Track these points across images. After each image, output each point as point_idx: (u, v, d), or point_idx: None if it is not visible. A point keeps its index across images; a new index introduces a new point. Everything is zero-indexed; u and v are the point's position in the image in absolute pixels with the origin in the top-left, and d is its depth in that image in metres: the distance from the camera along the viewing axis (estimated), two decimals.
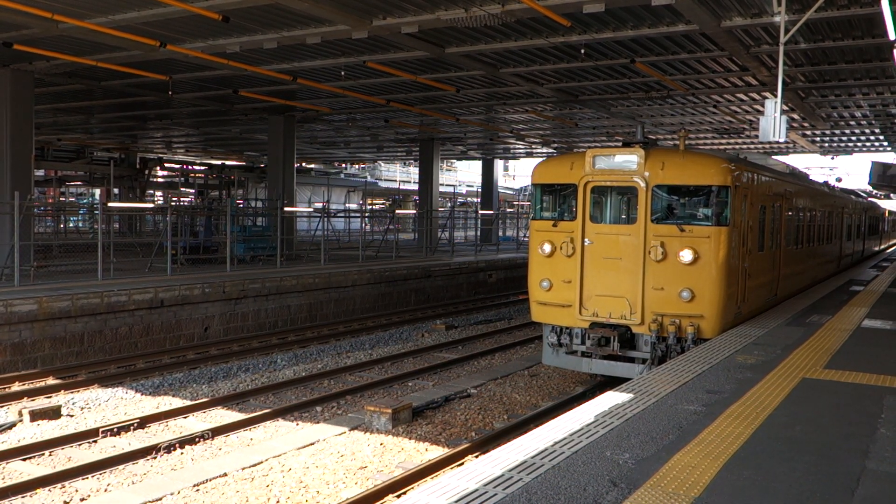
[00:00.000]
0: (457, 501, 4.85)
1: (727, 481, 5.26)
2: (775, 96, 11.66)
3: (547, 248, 12.47)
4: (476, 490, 5.06)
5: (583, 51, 16.63)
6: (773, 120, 11.52)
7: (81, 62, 18.42)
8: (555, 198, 12.88)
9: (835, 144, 35.26)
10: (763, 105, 12.25)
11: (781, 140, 11.79)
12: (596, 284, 12.10)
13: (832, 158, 56.33)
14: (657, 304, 11.57)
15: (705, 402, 7.36)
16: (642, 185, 11.65)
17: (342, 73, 19.70)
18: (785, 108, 21.98)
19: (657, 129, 30.10)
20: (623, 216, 12.38)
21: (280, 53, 17.99)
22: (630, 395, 7.58)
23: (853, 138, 32.57)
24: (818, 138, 32.59)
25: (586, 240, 12.19)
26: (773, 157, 20.00)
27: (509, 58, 18.30)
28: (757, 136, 30.63)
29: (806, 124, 27.99)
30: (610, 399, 7.48)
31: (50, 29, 15.36)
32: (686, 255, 11.29)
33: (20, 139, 20.45)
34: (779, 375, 8.58)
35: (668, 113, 26.45)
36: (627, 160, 11.82)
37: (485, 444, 10.29)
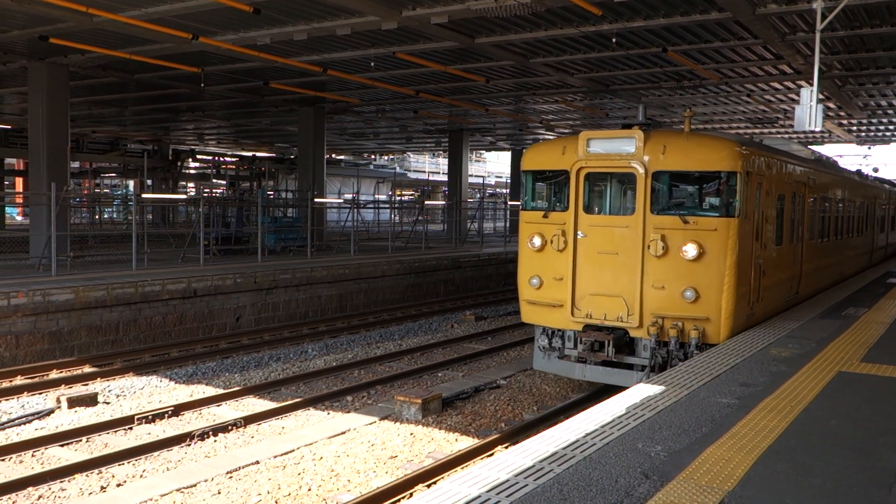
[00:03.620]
0: (488, 491, 4.86)
1: (761, 475, 5.21)
2: (811, 85, 11.42)
3: (537, 241, 11.42)
4: (507, 480, 5.07)
5: (614, 39, 16.46)
6: (808, 109, 11.22)
7: (115, 55, 18.64)
8: (546, 186, 11.84)
9: (872, 134, 34.58)
10: (798, 94, 12.00)
11: (817, 129, 11.58)
12: (590, 282, 11.05)
13: (869, 148, 55.23)
14: (657, 304, 10.53)
15: (739, 394, 7.28)
16: (641, 170, 10.55)
17: (372, 63, 19.72)
18: (821, 96, 21.57)
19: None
20: (620, 206, 11.31)
21: (310, 45, 18.05)
22: (662, 388, 7.53)
23: (891, 127, 31.91)
24: (854, 127, 31.98)
25: (579, 232, 11.12)
26: (809, 146, 19.62)
27: (539, 47, 18.18)
28: (791, 126, 30.14)
29: (842, 113, 27.48)
30: (641, 391, 7.44)
31: (84, 22, 15.55)
32: (690, 250, 10.21)
33: (56, 132, 20.79)
34: (814, 368, 8.46)
35: (700, 102, 26.11)
36: (624, 143, 10.73)
37: (514, 435, 10.28)
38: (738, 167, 10.27)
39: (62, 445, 9.99)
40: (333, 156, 55.17)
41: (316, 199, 27.03)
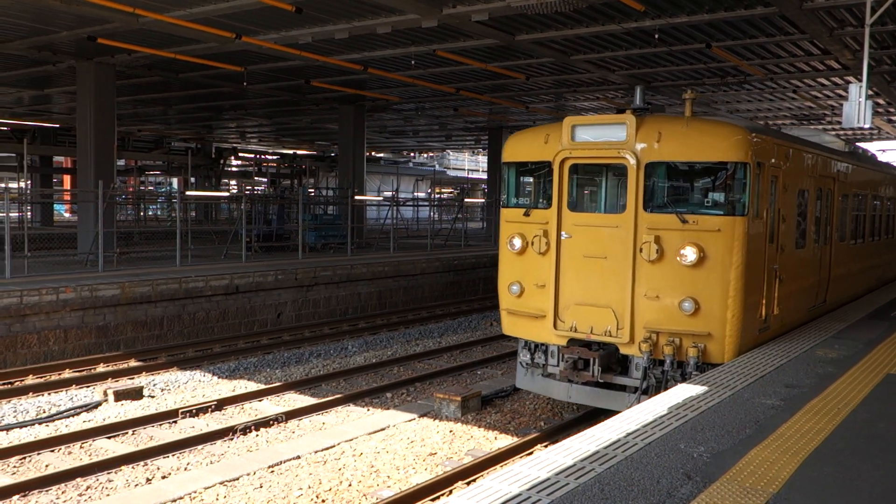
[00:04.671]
0: (529, 489, 4.86)
1: (807, 478, 5.12)
2: (860, 80, 11.14)
3: (517, 243, 10.10)
4: (548, 479, 5.05)
5: (657, 36, 16.27)
6: (857, 105, 10.87)
7: (160, 55, 18.97)
8: (529, 180, 10.60)
9: None
10: (846, 90, 11.70)
11: (866, 126, 11.24)
12: (575, 290, 9.71)
13: None
14: (650, 317, 9.16)
15: (783, 396, 7.16)
16: (632, 161, 9.22)
17: (412, 62, 19.78)
18: (870, 92, 21.07)
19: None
20: (609, 203, 10.07)
21: (351, 43, 18.16)
22: (704, 388, 7.44)
23: None
24: None
25: (563, 233, 9.81)
26: (858, 143, 19.14)
27: (580, 44, 18.05)
28: (839, 123, 29.48)
29: (892, 109, 26.79)
30: (683, 391, 7.35)
31: (131, 23, 15.84)
32: (689, 254, 8.82)
33: (103, 130, 21.24)
34: (861, 370, 8.28)
35: (744, 99, 25.68)
36: (613, 130, 9.44)
37: (554, 434, 10.24)
38: (746, 157, 8.90)
39: (109, 437, 10.22)
40: (373, 153, 55.47)
41: (356, 197, 27.20)
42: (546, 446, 9.54)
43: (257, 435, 10.44)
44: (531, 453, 9.49)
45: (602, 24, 15.79)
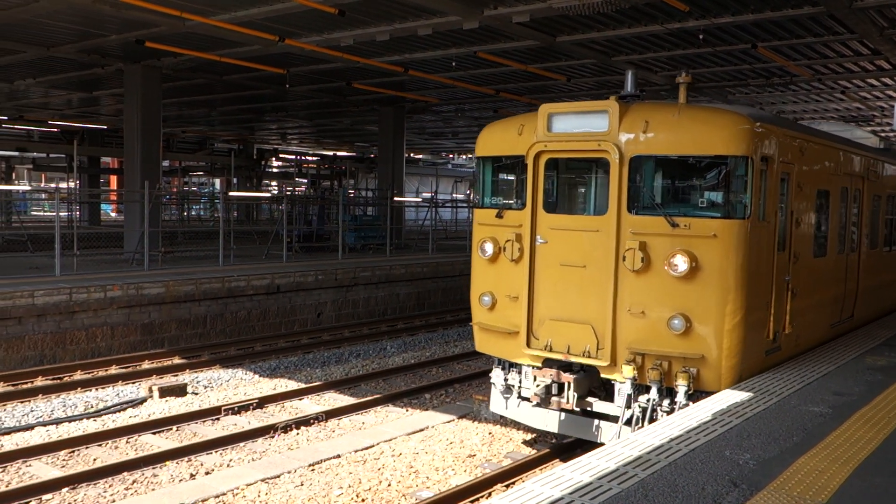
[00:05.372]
0: (571, 493, 4.83)
1: (857, 488, 5.01)
2: None
3: (488, 248, 8.99)
4: (590, 483, 5.02)
5: (701, 36, 16.07)
6: None
7: (205, 57, 19.27)
8: (503, 176, 9.50)
9: None
10: None
11: None
12: (550, 303, 8.56)
13: None
14: (635, 336, 7.98)
15: (832, 403, 7.01)
16: (615, 155, 8.06)
17: (453, 63, 19.80)
18: None
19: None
20: (590, 203, 8.98)
21: (392, 45, 18.24)
22: (749, 394, 7.32)
23: None
24: None
25: (538, 237, 8.66)
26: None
27: (622, 45, 17.89)
28: (889, 124, 28.81)
29: None
30: (728, 397, 7.25)
31: (177, 26, 16.13)
32: (679, 263, 7.64)
33: (149, 132, 21.66)
34: None
35: (790, 100, 25.22)
36: (594, 119, 8.29)
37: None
38: (748, 150, 7.71)
39: (154, 433, 10.41)
40: (412, 155, 55.64)
41: (395, 198, 27.32)
42: (587, 451, 9.48)
43: (298, 433, 10.54)
44: (572, 457, 9.43)
45: (645, 25, 15.64)
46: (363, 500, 8.29)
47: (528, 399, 8.90)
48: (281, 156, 53.10)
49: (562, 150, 8.59)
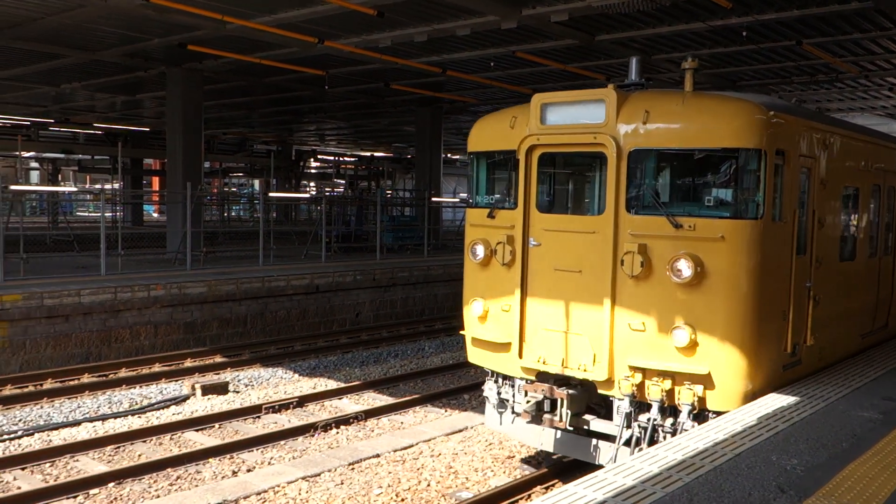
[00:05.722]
0: (614, 497, 4.79)
1: None
2: None
3: (479, 251, 8.30)
4: (633, 487, 4.97)
5: (744, 33, 15.82)
6: None
7: (246, 60, 19.50)
8: (496, 173, 8.73)
9: None
10: None
11: None
12: (544, 312, 7.87)
13: None
14: (634, 349, 7.28)
15: (882, 409, 6.85)
16: (612, 149, 7.37)
17: (492, 63, 19.78)
18: None
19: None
20: (588, 202, 8.37)
21: (430, 46, 18.27)
22: (795, 398, 7.19)
23: None
24: None
25: (531, 239, 7.99)
26: None
27: (662, 43, 17.69)
28: None
29: None
30: (773, 401, 7.12)
31: (218, 29, 16.35)
32: (683, 269, 6.94)
33: (191, 134, 22.00)
34: None
35: (835, 98, 24.70)
36: (589, 109, 7.61)
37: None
38: (760, 142, 6.97)
39: (197, 430, 10.57)
40: (449, 155, 55.70)
41: (432, 199, 27.38)
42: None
43: (337, 432, 10.62)
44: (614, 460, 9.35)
45: (686, 23, 15.44)
46: (403, 500, 8.32)
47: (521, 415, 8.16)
48: (319, 157, 53.55)
49: (555, 143, 7.90)
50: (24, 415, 10.96)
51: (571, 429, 7.79)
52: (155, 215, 53.11)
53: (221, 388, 12.43)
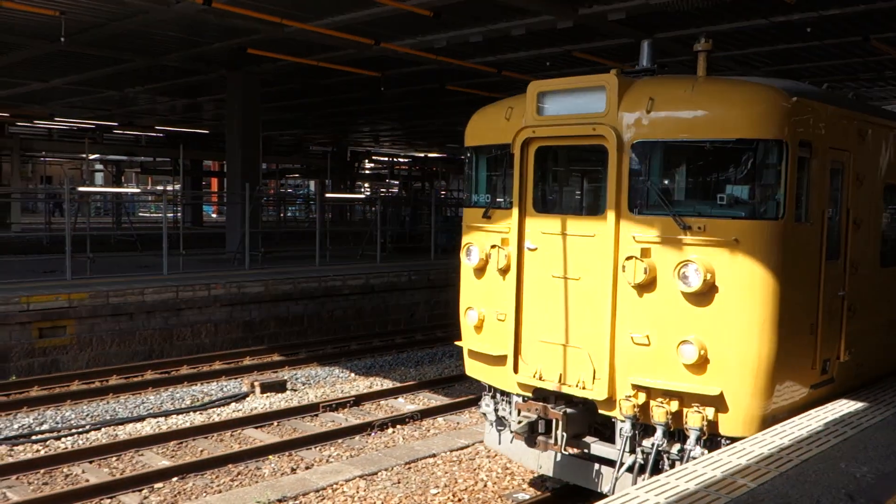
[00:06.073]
0: (678, 501, 4.72)
1: None
2: None
3: (474, 254, 7.68)
4: (696, 492, 4.89)
5: (809, 29, 15.41)
6: None
7: (303, 62, 19.78)
8: (492, 169, 7.92)
9: None
10: None
11: None
12: (541, 323, 7.22)
13: None
14: (637, 365, 6.57)
15: None
16: (613, 141, 6.65)
17: (547, 63, 19.68)
18: None
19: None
20: (588, 201, 7.68)
21: (485, 46, 18.26)
22: (864, 403, 6.97)
23: None
24: None
25: (528, 242, 7.33)
26: None
27: (721, 40, 17.32)
28: None
29: None
30: (841, 406, 6.92)
31: (277, 33, 16.62)
32: (691, 276, 6.20)
33: (249, 135, 22.41)
34: None
35: None
36: (588, 98, 6.90)
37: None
38: (781, 132, 6.18)
39: (257, 427, 10.76)
40: None
41: None
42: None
43: (393, 431, 10.69)
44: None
45: (747, 19, 15.12)
46: (460, 500, 8.33)
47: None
48: (373, 157, 54.03)
49: (553, 136, 7.18)
50: (90, 410, 11.31)
51: (569, 452, 7.14)
52: (213, 216, 54.25)
53: (279, 387, 12.63)
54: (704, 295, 6.21)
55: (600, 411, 6.88)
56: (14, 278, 15.18)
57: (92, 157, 42.48)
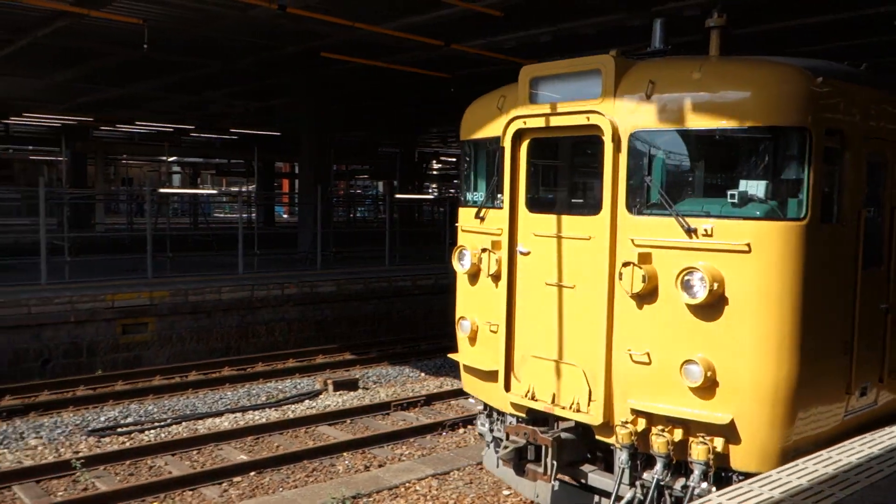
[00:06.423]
0: (792, 496, 4.60)
1: None
2: None
3: (466, 259, 7.02)
4: (782, 501, 4.76)
5: None
6: None
7: (373, 64, 20.01)
8: (487, 165, 7.22)
9: None
10: None
11: None
12: (534, 335, 6.53)
13: None
14: (636, 386, 5.82)
15: None
16: (608, 131, 5.89)
17: None
18: None
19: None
20: (585, 199, 6.79)
21: (555, 46, 18.11)
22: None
23: None
24: None
25: (520, 246, 6.65)
26: None
27: (803, 35, 16.82)
28: None
29: None
30: (884, 437, 6.62)
31: (348, 35, 16.87)
32: (696, 286, 5.43)
33: (320, 137, 22.80)
34: None
35: None
36: (583, 83, 6.12)
37: None
38: (803, 118, 5.33)
39: (330, 425, 10.96)
40: None
41: None
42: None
43: (465, 432, 10.72)
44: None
45: (834, 13, 14.63)
46: None
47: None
48: (441, 158, 54.25)
49: (545, 127, 6.41)
50: (171, 404, 11.69)
51: (559, 482, 6.42)
52: (284, 216, 55.36)
53: (352, 385, 12.82)
54: (712, 307, 5.45)
55: (597, 437, 6.13)
56: (99, 277, 15.80)
57: (170, 159, 43.90)
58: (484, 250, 6.82)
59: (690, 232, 5.53)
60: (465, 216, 7.24)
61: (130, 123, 35.71)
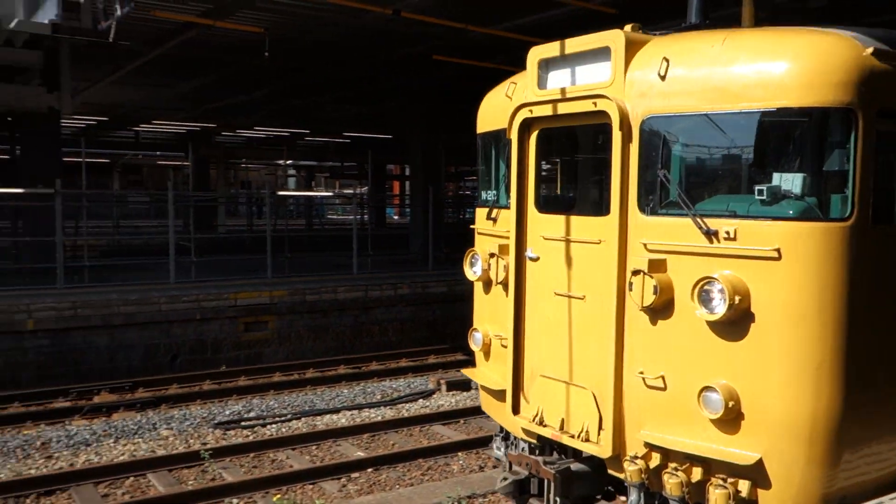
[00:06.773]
0: None
1: None
2: None
3: (478, 265, 6.40)
4: None
5: None
6: None
7: (483, 66, 20.08)
8: (500, 159, 6.48)
9: None
10: None
11: None
12: (543, 352, 5.79)
13: None
14: (650, 414, 5.00)
15: None
16: (615, 117, 5.06)
17: None
18: None
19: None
20: (595, 196, 6.25)
21: None
22: None
23: None
24: None
25: (528, 251, 5.89)
26: None
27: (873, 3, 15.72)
28: None
29: None
30: None
31: (460, 37, 17.00)
32: (714, 299, 4.58)
33: (432, 139, 23.07)
34: None
35: None
36: (592, 64, 5.38)
37: None
38: (848, 97, 4.36)
39: (444, 424, 11.07)
40: None
41: None
42: None
43: None
44: None
45: None
46: None
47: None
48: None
49: (553, 115, 5.62)
50: (291, 400, 12.11)
51: None
52: (395, 217, 56.38)
53: (464, 385, 12.91)
54: (735, 325, 4.55)
55: (609, 471, 5.32)
56: (222, 276, 16.56)
57: (287, 162, 45.55)
58: (492, 255, 6.17)
59: (710, 235, 4.68)
60: (480, 217, 6.68)
61: (249, 129, 37.27)
